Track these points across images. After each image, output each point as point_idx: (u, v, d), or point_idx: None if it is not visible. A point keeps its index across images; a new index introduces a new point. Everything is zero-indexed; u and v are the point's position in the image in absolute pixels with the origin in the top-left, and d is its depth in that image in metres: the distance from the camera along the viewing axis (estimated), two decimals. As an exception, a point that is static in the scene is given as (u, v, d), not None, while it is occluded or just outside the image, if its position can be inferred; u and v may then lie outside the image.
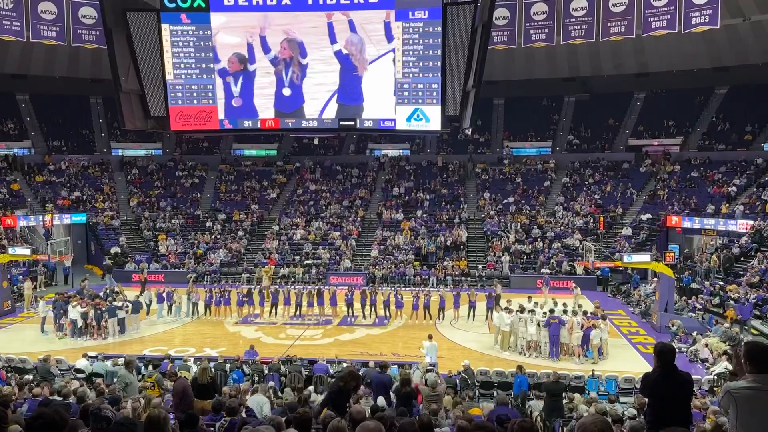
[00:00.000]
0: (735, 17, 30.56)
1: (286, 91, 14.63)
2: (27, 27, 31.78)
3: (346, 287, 24.89)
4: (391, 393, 10.74)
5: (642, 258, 23.60)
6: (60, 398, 8.96)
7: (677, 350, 10.47)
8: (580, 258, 29.58)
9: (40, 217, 32.19)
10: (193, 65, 14.69)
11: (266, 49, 14.34)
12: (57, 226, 33.30)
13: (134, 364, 11.21)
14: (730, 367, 15.35)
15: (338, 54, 14.31)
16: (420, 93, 14.63)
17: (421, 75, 14.48)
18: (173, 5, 14.29)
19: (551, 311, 18.58)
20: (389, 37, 14.26)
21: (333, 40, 14.23)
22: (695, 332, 19.74)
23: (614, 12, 30.41)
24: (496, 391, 14.08)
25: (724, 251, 27.46)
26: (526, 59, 37.60)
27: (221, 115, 14.98)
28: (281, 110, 14.85)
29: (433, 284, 29.04)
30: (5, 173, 37.16)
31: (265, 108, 14.89)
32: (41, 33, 32.62)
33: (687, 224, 30.29)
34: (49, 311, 21.32)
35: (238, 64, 14.55)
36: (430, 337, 17.12)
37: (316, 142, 41.18)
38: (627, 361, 17.97)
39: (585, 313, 18.97)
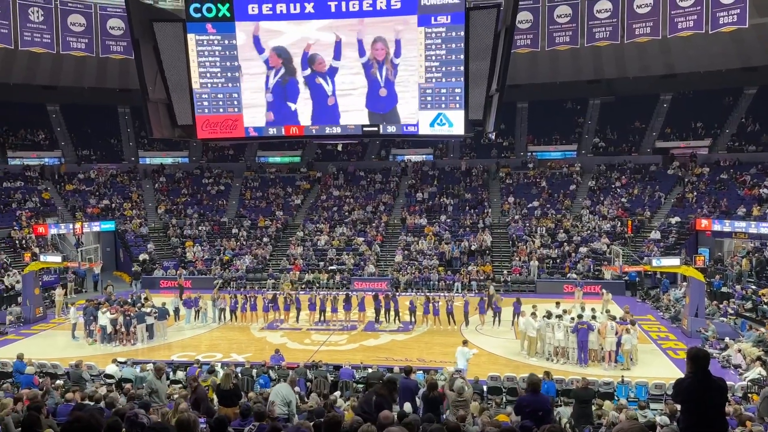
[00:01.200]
0: (763, 16, 30.00)
1: (383, 92, 14.62)
2: (57, 39, 32.57)
3: (371, 293, 24.88)
4: (417, 399, 10.71)
5: (671, 262, 23.24)
6: (92, 403, 9.10)
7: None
8: (607, 262, 29.21)
9: (71, 225, 32.83)
10: (219, 74, 14.86)
11: (362, 52, 14.37)
12: (87, 234, 33.93)
13: (164, 370, 11.31)
14: (765, 373, 15.03)
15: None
16: (443, 98, 14.60)
17: (444, 80, 14.46)
18: (199, 15, 14.49)
19: (579, 316, 18.36)
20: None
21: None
22: (727, 337, 19.35)
23: (639, 13, 30.11)
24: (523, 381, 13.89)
25: (756, 254, 26.90)
26: (550, 62, 37.37)
27: (307, 121, 14.99)
28: (374, 111, 14.81)
29: (457, 289, 28.91)
30: (36, 182, 37.99)
31: (354, 108, 14.83)
32: (71, 45, 33.42)
33: (717, 227, 29.71)
34: (80, 317, 21.71)
35: (325, 65, 14.63)
36: (464, 343, 17.06)
37: (339, 148, 41.40)
38: (657, 366, 17.70)
39: (614, 318, 18.71)
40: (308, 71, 14.58)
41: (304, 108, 14.89)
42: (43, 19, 32.22)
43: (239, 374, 14.57)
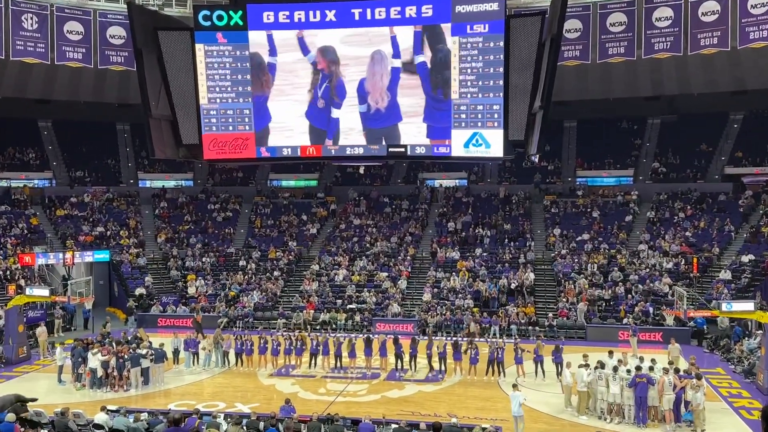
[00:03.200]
0: None
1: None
2: (52, 48, 33.60)
3: (392, 336, 24.72)
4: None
5: (744, 307, 22.74)
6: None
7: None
8: (669, 306, 28.72)
9: (60, 255, 33.35)
10: (229, 88, 15.20)
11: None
12: (78, 265, 34.45)
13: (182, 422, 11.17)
14: None
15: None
16: (479, 115, 14.73)
17: (480, 95, 14.60)
18: (208, 24, 14.91)
19: (638, 368, 18.01)
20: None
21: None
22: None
23: (704, 21, 30.09)
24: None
25: None
26: (602, 76, 37.37)
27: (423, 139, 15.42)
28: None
29: (495, 333, 28.60)
30: (24, 206, 38.80)
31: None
32: (66, 55, 34.43)
33: (798, 267, 29.11)
34: (67, 359, 21.88)
35: None
36: (514, 387, 17.11)
37: (361, 171, 41.67)
38: (728, 428, 17.30)
39: (677, 371, 18.32)
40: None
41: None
42: (37, 26, 33.29)
43: (244, 428, 14.52)
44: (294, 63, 15.20)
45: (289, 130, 15.60)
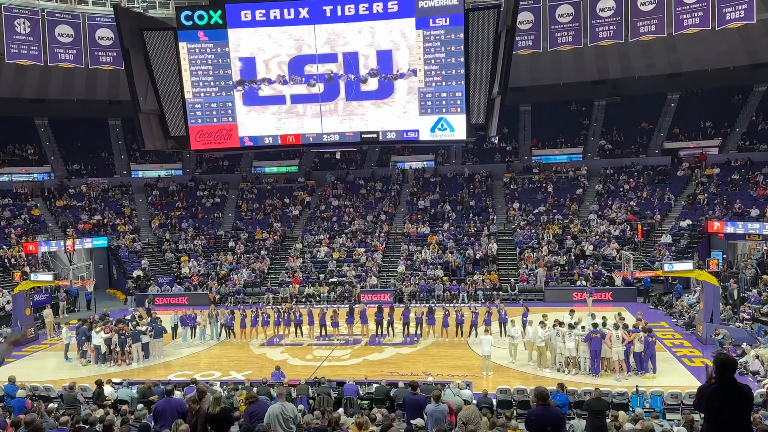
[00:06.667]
0: (772, 11, 30.09)
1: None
2: (44, 51, 32.63)
3: (375, 305, 24.80)
4: (424, 414, 10.68)
5: (684, 266, 23.15)
6: (87, 426, 9.04)
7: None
8: (617, 268, 29.13)
9: (62, 242, 32.79)
10: (212, 83, 14.90)
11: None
12: (78, 251, 33.89)
13: (206, 392, 10.97)
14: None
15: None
16: (444, 102, 14.63)
17: (444, 83, 14.50)
18: (190, 23, 14.55)
19: (594, 325, 18.28)
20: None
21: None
22: (744, 343, 19.25)
23: (643, 11, 30.18)
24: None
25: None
26: (553, 63, 37.47)
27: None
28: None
29: (463, 299, 28.83)
30: (25, 199, 38.00)
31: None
32: (59, 56, 33.48)
33: (730, 229, 29.62)
34: (72, 338, 21.62)
35: None
36: (486, 331, 18.06)
37: (338, 156, 41.47)
38: (672, 375, 17.60)
39: (626, 326, 18.62)
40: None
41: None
42: (30, 30, 32.30)
43: (241, 391, 14.43)
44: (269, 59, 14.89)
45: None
